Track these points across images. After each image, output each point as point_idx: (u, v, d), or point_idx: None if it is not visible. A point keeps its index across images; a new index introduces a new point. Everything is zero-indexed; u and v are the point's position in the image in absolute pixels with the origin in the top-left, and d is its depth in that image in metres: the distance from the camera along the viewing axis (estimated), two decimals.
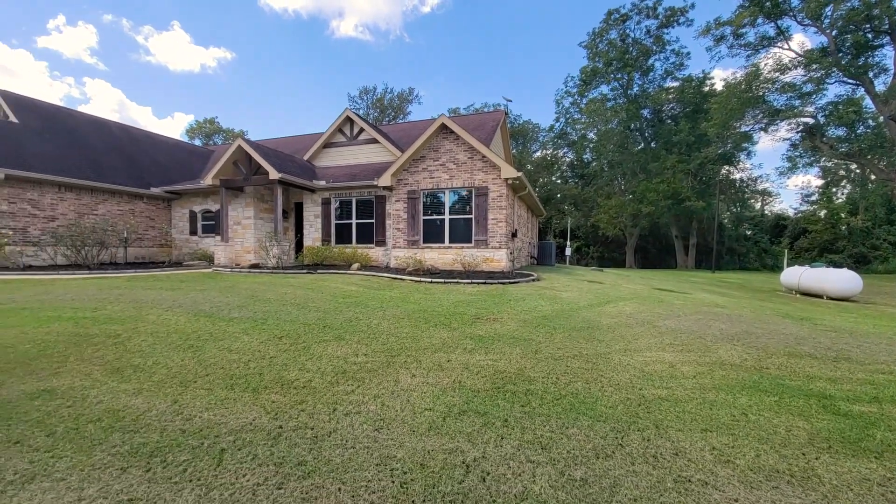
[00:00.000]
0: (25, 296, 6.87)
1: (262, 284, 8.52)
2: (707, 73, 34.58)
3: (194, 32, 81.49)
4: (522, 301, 7.08)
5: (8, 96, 14.07)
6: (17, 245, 11.75)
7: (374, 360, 4.02)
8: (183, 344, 4.40)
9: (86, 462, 2.28)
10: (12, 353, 4.07)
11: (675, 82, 35.21)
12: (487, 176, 11.63)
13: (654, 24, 34.32)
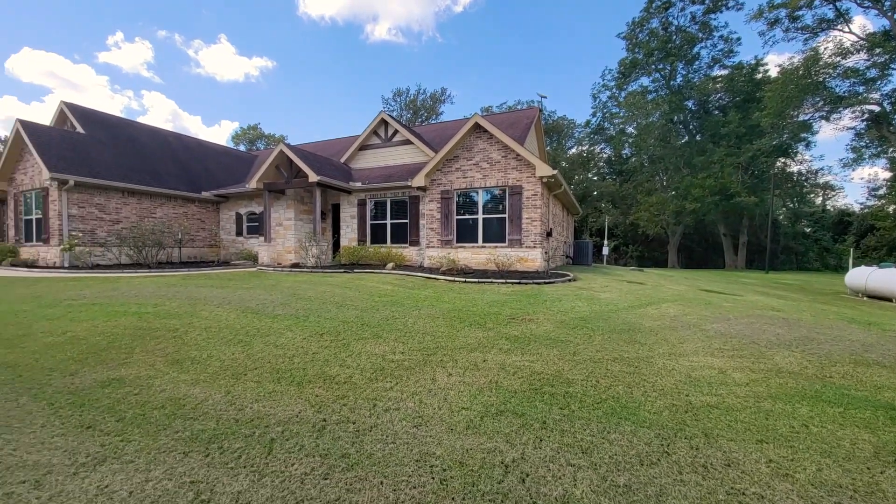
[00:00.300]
0: (94, 292, 7.53)
1: (302, 283, 8.88)
2: (760, 60, 32.30)
3: (239, 44, 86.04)
4: (558, 302, 6.94)
5: (75, 109, 15.48)
6: (87, 246, 12.91)
7: (410, 359, 4.09)
8: (233, 339, 4.68)
9: (152, 446, 2.49)
10: (84, 344, 4.49)
11: (723, 70, 33.17)
12: (521, 174, 11.49)
13: (699, 9, 32.50)
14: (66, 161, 12.65)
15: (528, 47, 78.61)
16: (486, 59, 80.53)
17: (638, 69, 35.13)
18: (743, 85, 31.61)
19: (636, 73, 35.29)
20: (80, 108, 15.61)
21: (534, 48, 78.19)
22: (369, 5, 75.95)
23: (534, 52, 78.48)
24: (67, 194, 12.47)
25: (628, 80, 36.14)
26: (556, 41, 76.43)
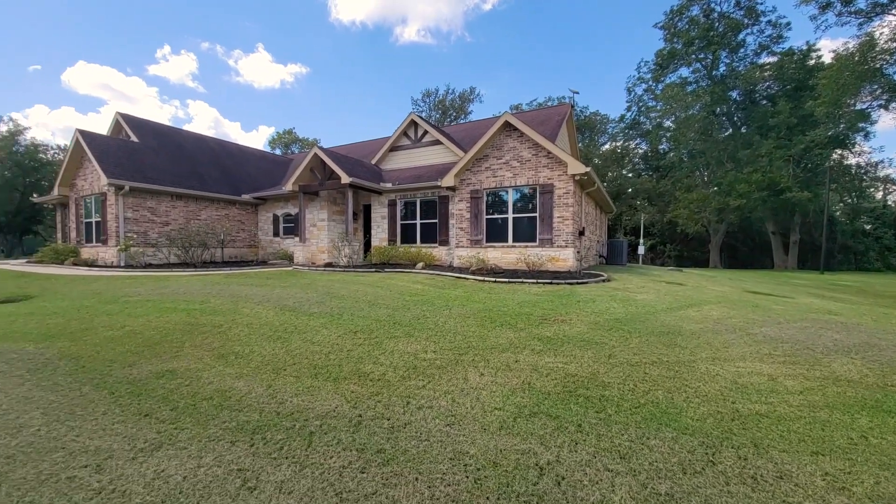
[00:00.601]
0: (147, 290, 8.07)
1: (335, 282, 9.13)
2: (812, 45, 30.05)
3: (275, 52, 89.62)
4: (592, 302, 6.76)
5: (129, 119, 16.64)
6: (140, 246, 13.86)
7: (442, 358, 4.12)
8: (273, 335, 4.88)
9: (202, 434, 2.64)
10: (140, 338, 4.82)
11: (772, 57, 31.06)
12: (553, 173, 11.28)
13: None
14: (121, 168, 13.63)
15: (559, 43, 77.07)
16: (516, 56, 79.71)
17: (677, 60, 33.56)
18: (794, 72, 29.48)
19: (675, 63, 33.72)
20: (134, 118, 16.77)
21: (565, 43, 76.55)
22: (398, 7, 76.96)
23: (565, 47, 76.84)
24: (123, 199, 13.43)
25: (666, 71, 34.60)
26: (589, 35, 74.46)
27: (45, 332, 5.12)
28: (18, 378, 3.67)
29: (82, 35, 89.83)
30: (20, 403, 3.15)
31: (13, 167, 33.52)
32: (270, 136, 54.94)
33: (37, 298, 7.61)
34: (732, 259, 38.20)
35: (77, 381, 3.58)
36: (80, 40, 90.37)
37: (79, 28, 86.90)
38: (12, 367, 3.96)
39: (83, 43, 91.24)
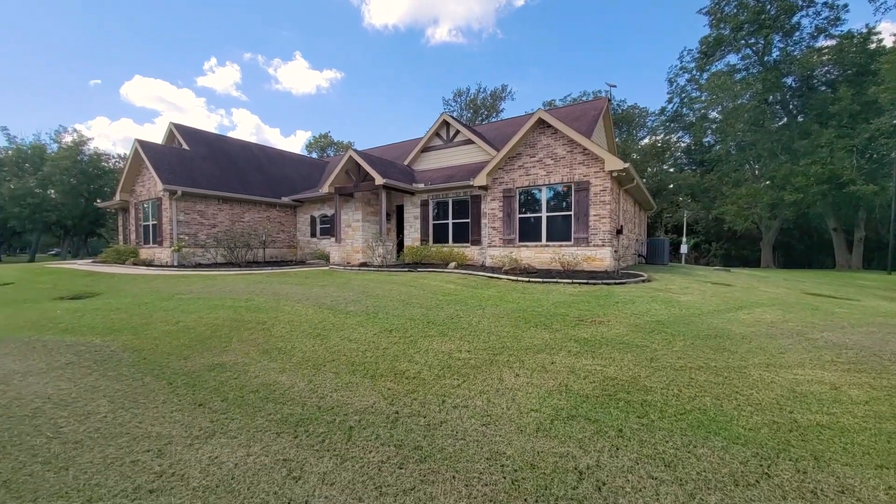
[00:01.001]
0: (198, 288, 8.61)
1: (370, 281, 9.34)
2: (872, 28, 27.38)
3: (311, 58, 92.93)
4: (632, 303, 6.52)
5: (181, 128, 17.79)
6: (190, 247, 14.79)
7: (476, 357, 4.11)
8: (312, 332, 5.07)
9: (250, 425, 2.79)
10: (193, 333, 5.15)
11: (829, 41, 28.59)
12: (589, 169, 10.96)
13: None
14: (175, 174, 14.61)
15: (594, 36, 74.80)
16: (550, 52, 78.15)
17: (724, 46, 31.54)
18: (854, 56, 26.93)
19: (721, 50, 31.73)
20: (185, 128, 17.93)
21: (601, 36, 74.18)
22: (429, 9, 77.53)
23: (601, 40, 74.46)
24: (176, 203, 14.40)
25: (712, 59, 32.61)
26: (626, 26, 71.75)
27: (110, 326, 5.58)
28: (87, 368, 4.03)
29: (138, 51, 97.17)
30: (88, 392, 3.45)
31: (78, 175, 36.75)
32: (307, 140, 57.05)
33: (102, 295, 8.30)
34: (787, 258, 35.53)
35: (139, 371, 3.88)
36: (136, 56, 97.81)
37: (134, 44, 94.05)
38: (81, 358, 4.35)
39: (139, 58, 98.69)
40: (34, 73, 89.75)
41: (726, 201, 31.04)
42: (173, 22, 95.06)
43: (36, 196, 34.83)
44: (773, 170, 29.83)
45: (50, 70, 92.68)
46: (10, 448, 2.57)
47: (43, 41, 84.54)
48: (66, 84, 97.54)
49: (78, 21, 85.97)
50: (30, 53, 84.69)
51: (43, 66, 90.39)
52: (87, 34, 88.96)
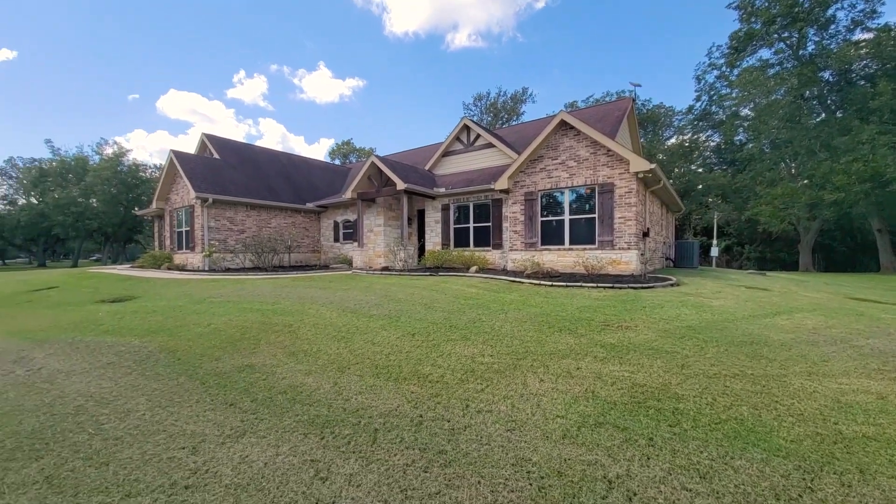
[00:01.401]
0: (227, 292, 8.90)
1: (392, 285, 9.42)
2: None
3: (334, 68, 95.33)
4: (660, 308, 6.31)
5: (212, 138, 18.53)
6: (220, 252, 15.34)
7: (500, 362, 4.08)
8: (337, 335, 5.15)
9: (279, 425, 2.86)
10: (224, 335, 5.32)
11: (866, 34, 27.12)
12: (613, 171, 10.74)
13: None
14: (206, 182, 15.23)
15: (615, 35, 73.53)
16: (571, 53, 77.35)
17: (755, 41, 30.38)
18: (893, 49, 25.41)
19: (753, 45, 30.57)
20: (216, 138, 18.68)
21: (622, 35, 72.86)
22: (449, 15, 78.23)
23: (622, 39, 73.12)
24: (207, 210, 14.98)
25: (742, 54, 31.42)
26: (648, 24, 70.22)
27: (147, 328, 5.84)
28: (126, 368, 4.22)
29: (173, 66, 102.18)
30: (128, 391, 3.62)
31: (118, 184, 38.83)
32: (330, 147, 58.40)
33: (140, 299, 8.71)
34: (828, 261, 33.64)
35: (175, 371, 4.04)
36: (172, 70, 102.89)
37: (170, 60, 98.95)
38: (121, 358, 4.57)
39: (174, 73, 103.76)
40: (79, 90, 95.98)
41: (760, 202, 29.70)
42: (206, 37, 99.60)
43: (79, 205, 36.99)
44: (811, 168, 28.41)
45: (93, 86, 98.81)
46: (53, 444, 2.72)
47: (86, 60, 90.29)
48: (108, 99, 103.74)
49: (119, 40, 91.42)
50: (74, 71, 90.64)
51: (87, 83, 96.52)
52: (126, 52, 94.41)
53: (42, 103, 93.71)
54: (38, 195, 38.41)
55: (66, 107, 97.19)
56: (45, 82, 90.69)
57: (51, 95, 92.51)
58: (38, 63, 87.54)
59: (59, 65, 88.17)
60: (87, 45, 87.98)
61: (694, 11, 65.62)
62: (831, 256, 33.83)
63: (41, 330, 6.06)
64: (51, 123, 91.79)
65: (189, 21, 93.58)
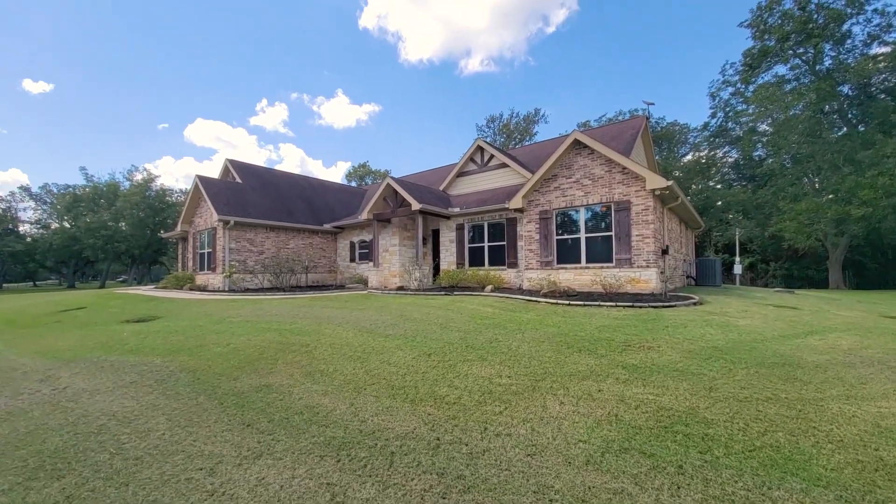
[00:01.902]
0: (246, 312, 9.04)
1: (408, 305, 9.41)
2: None
3: (351, 94, 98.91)
4: (683, 328, 6.11)
5: (235, 164, 19.26)
6: (240, 273, 15.67)
7: (518, 383, 3.98)
8: (353, 355, 5.14)
9: (295, 447, 2.83)
10: (242, 354, 5.37)
11: (884, 48, 26.78)
12: (629, 189, 10.65)
13: None
14: (228, 205, 15.73)
15: (626, 57, 74.37)
16: (582, 75, 78.35)
17: (770, 57, 30.29)
18: None
19: (768, 62, 30.47)
20: (238, 163, 19.40)
21: (633, 57, 73.64)
22: (462, 42, 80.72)
23: (633, 60, 73.86)
24: (229, 232, 15.42)
25: (757, 71, 31.30)
26: (658, 45, 70.90)
27: (168, 348, 5.95)
28: (148, 387, 4.29)
29: (201, 96, 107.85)
30: (149, 410, 3.66)
31: (146, 209, 40.50)
32: (347, 170, 59.90)
33: (162, 319, 8.91)
34: (859, 278, 32.22)
35: (194, 391, 4.08)
36: (199, 101, 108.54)
37: (198, 91, 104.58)
38: (143, 377, 4.65)
39: (201, 103, 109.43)
40: (112, 120, 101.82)
41: (784, 217, 28.88)
42: (232, 69, 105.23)
43: (109, 228, 38.62)
44: (835, 182, 27.64)
45: (126, 117, 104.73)
46: (75, 464, 2.75)
47: (119, 92, 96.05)
48: (140, 128, 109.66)
49: (150, 74, 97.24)
50: (108, 102, 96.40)
51: (120, 113, 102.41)
52: (157, 84, 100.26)
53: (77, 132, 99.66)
54: (71, 219, 40.29)
55: (100, 136, 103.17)
56: (80, 112, 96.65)
57: (85, 125, 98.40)
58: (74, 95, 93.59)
59: (93, 96, 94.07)
60: (120, 78, 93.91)
61: (706, 29, 66.09)
62: (862, 273, 32.40)
63: (68, 349, 6.24)
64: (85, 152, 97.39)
65: (216, 54, 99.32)
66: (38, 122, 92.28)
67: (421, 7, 75.70)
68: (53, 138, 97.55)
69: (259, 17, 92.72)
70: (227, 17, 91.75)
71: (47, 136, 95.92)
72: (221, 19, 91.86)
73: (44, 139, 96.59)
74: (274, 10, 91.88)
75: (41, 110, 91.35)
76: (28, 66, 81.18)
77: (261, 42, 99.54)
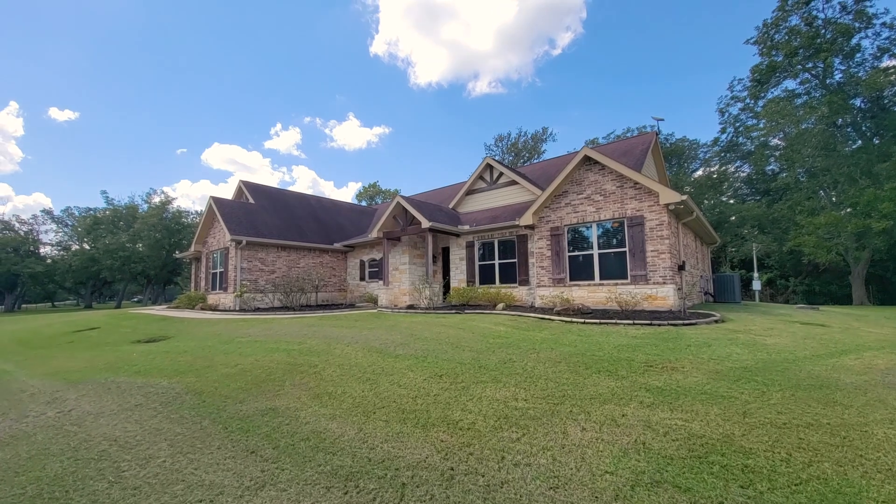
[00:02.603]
0: (256, 331, 8.96)
1: (418, 324, 9.23)
2: None
3: (362, 118, 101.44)
4: (707, 347, 5.82)
5: (248, 185, 19.62)
6: (251, 292, 15.71)
7: (535, 407, 3.77)
8: (362, 376, 4.97)
9: (300, 476, 2.66)
10: (250, 376, 5.25)
11: (895, 60, 26.60)
12: (642, 204, 10.48)
13: None
14: (241, 225, 15.93)
15: (631, 77, 75.17)
16: (588, 94, 79.35)
17: (779, 73, 30.27)
18: None
19: (777, 76, 30.43)
20: (251, 184, 19.77)
21: (638, 75, 74.41)
22: (470, 65, 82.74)
23: (638, 79, 74.59)
24: (241, 251, 15.56)
25: (766, 86, 31.27)
26: (662, 64, 71.61)
27: (176, 369, 5.86)
28: (153, 410, 4.17)
29: (218, 122, 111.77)
30: (151, 435, 3.54)
31: (162, 230, 41.39)
32: (358, 190, 60.63)
33: (172, 339, 8.88)
34: (883, 293, 31.09)
35: (199, 414, 3.95)
36: (216, 126, 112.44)
37: (216, 117, 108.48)
38: (149, 399, 4.54)
39: (218, 128, 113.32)
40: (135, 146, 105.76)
41: (802, 232, 28.20)
42: (248, 95, 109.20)
43: (127, 249, 39.46)
44: (853, 196, 27.03)
45: (147, 143, 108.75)
46: (73, 493, 2.62)
47: (140, 119, 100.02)
48: (160, 153, 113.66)
49: (172, 102, 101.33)
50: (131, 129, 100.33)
51: (142, 139, 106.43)
52: (178, 111, 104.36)
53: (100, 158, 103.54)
54: (91, 241, 41.31)
55: (122, 161, 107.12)
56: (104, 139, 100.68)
57: (108, 150, 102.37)
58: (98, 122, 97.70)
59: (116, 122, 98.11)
60: (142, 105, 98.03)
61: (710, 48, 66.65)
62: (886, 288, 31.28)
63: (77, 371, 6.19)
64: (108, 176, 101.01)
65: (233, 80, 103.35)
66: (63, 148, 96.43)
67: (429, 33, 78.14)
68: (77, 163, 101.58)
69: (274, 45, 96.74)
70: (244, 46, 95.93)
71: (72, 161, 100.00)
72: (238, 47, 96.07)
73: (68, 165, 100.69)
74: (288, 38, 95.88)
75: (66, 137, 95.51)
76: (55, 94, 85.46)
77: (275, 69, 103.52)
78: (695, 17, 64.79)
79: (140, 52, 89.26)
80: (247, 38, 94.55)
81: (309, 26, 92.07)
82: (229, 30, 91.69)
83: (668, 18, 67.86)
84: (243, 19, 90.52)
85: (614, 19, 72.91)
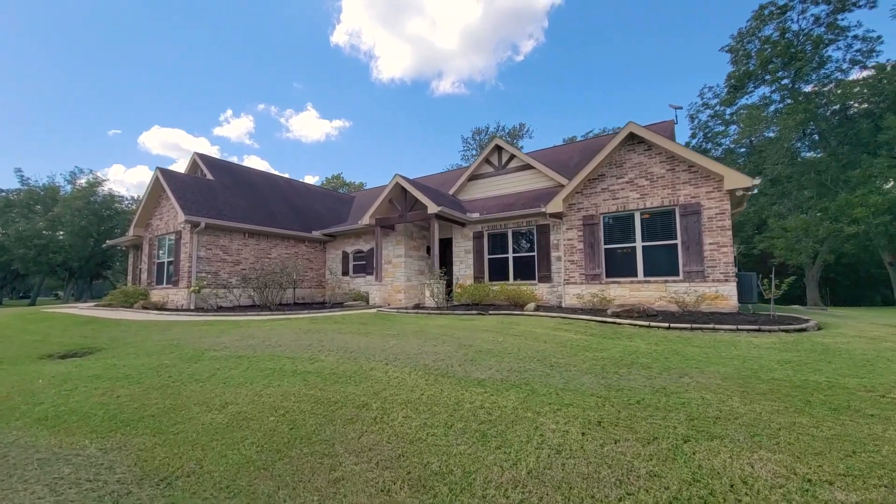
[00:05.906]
0: (231, 339, 6.51)
1: (449, 328, 7.21)
2: None
3: (321, 109, 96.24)
4: (889, 363, 4.34)
5: (206, 158, 16.45)
6: (211, 287, 12.78)
7: (785, 482, 1.94)
8: (466, 428, 2.91)
9: None
10: (257, 430, 3.02)
11: (865, 71, 28.12)
12: (698, 189, 9.13)
13: (824, 10, 28.49)
14: (198, 205, 12.94)
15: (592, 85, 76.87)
16: (552, 101, 79.67)
17: (752, 80, 31.21)
18: (892, 86, 26.22)
19: (754, 83, 31.36)
20: (209, 157, 16.59)
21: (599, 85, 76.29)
22: (434, 64, 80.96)
23: (600, 88, 76.45)
24: (197, 237, 12.58)
25: (739, 93, 32.21)
26: (629, 68, 73.87)
27: (114, 413, 3.46)
28: None
29: (159, 104, 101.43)
30: None
31: (90, 216, 35.58)
32: (319, 182, 56.41)
33: (104, 351, 6.21)
34: (834, 295, 33.21)
35: None
36: (157, 109, 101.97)
37: (156, 99, 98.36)
38: (59, 497, 2.22)
39: (159, 111, 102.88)
40: (57, 123, 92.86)
41: (773, 235, 29.20)
42: (196, 78, 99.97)
43: (43, 237, 33.52)
44: (823, 202, 28.28)
45: (72, 120, 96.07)
46: None
47: (65, 94, 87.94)
48: (87, 133, 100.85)
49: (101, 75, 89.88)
50: (53, 104, 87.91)
51: (65, 116, 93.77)
52: (111, 86, 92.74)
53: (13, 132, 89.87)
54: (1, 227, 34.72)
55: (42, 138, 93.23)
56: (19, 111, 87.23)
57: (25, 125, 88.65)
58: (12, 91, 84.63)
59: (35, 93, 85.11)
60: (67, 77, 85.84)
61: (674, 59, 69.47)
62: (836, 291, 33.46)
63: None
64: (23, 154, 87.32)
65: (178, 59, 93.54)
66: None
67: (393, 27, 74.98)
68: None
69: (227, 23, 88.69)
70: (193, 20, 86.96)
71: None
72: (183, 23, 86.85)
73: None
74: (244, 18, 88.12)
75: None
76: None
77: (228, 49, 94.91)
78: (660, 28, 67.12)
79: (69, 17, 78.00)
80: (196, 11, 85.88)
81: (265, 8, 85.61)
82: (176, 1, 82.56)
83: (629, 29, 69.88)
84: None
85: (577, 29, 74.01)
